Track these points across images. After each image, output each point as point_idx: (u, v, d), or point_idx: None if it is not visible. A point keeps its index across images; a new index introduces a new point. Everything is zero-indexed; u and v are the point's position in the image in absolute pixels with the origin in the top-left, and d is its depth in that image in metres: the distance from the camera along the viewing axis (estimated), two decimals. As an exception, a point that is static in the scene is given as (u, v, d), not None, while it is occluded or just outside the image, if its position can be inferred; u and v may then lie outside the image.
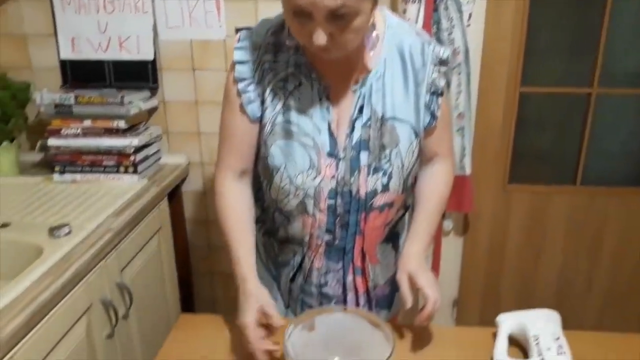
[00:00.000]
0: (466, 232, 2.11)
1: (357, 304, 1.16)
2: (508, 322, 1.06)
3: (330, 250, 1.10)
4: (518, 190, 2.05)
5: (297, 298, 1.17)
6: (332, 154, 1.01)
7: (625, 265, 2.12)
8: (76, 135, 1.67)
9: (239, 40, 1.04)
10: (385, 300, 1.23)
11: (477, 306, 2.22)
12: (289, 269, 1.16)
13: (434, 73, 1.03)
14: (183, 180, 2.00)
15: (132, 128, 1.73)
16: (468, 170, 1.87)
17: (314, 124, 1.01)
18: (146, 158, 1.77)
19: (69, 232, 1.31)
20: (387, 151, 1.02)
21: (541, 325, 1.02)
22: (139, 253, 1.56)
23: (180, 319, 1.17)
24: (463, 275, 2.17)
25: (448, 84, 1.73)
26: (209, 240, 2.11)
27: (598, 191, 2.04)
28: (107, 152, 1.68)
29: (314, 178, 1.02)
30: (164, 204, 1.77)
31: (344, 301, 1.16)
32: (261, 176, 1.11)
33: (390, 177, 1.04)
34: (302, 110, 1.01)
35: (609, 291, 2.16)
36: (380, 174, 1.03)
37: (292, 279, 1.16)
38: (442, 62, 1.04)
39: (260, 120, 1.05)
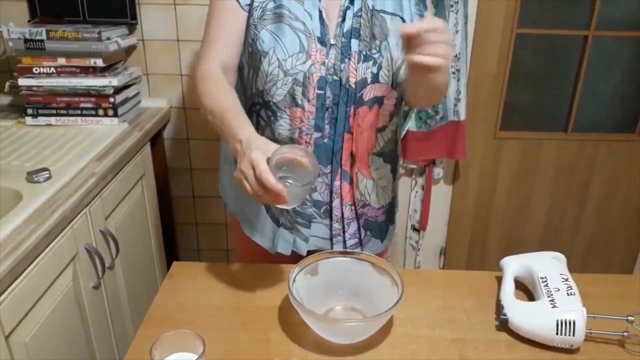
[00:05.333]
0: (456, 180, 2.09)
1: (342, 215, 1.13)
2: (513, 264, 1.04)
3: (319, 151, 1.06)
4: (509, 137, 2.03)
5: (290, 209, 1.12)
6: (323, 40, 1.01)
7: (611, 212, 2.15)
8: (49, 75, 1.55)
9: None
10: (378, 230, 1.20)
11: (464, 254, 2.23)
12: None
13: None
14: (164, 126, 1.91)
15: (109, 67, 1.61)
16: (462, 116, 1.83)
17: (304, 10, 1.00)
18: (126, 100, 1.67)
19: (49, 177, 1.23)
20: (377, 42, 1.02)
21: (548, 266, 1.00)
22: (123, 200, 1.49)
23: (173, 267, 1.12)
24: (451, 223, 2.17)
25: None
26: (192, 189, 2.04)
27: (587, 138, 2.04)
28: (85, 93, 1.57)
29: (304, 62, 1.00)
30: (147, 150, 1.69)
31: (330, 208, 1.12)
32: (245, 69, 1.07)
33: (380, 67, 1.02)
34: None
35: (594, 238, 2.20)
36: (371, 62, 1.02)
37: None
38: None
39: (249, 6, 1.02)
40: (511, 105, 2.01)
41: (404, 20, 1.04)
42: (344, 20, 1.01)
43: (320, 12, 1.01)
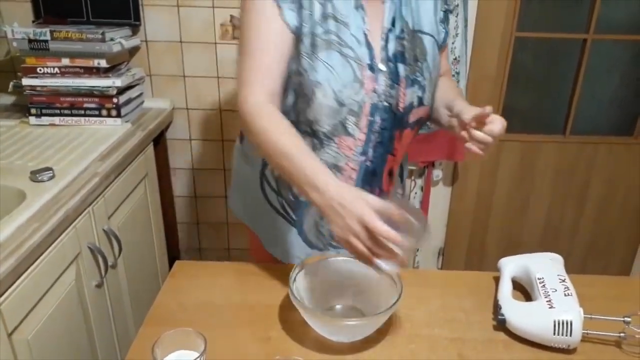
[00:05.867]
0: (455, 182, 2.10)
1: None
2: (511, 265, 1.05)
3: (361, 175, 1.05)
4: (508, 139, 2.04)
5: (327, 234, 1.12)
6: (372, 66, 0.97)
7: (610, 213, 2.16)
8: (53, 75, 1.57)
9: None
10: None
11: (463, 255, 2.24)
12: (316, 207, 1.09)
13: None
14: (167, 127, 1.92)
15: (113, 68, 1.62)
16: (462, 118, 1.84)
17: (351, 34, 0.95)
18: (129, 101, 1.68)
19: (53, 176, 1.24)
20: (420, 64, 1.01)
21: (546, 267, 1.01)
22: (125, 200, 1.50)
23: (175, 266, 1.13)
24: (450, 224, 2.18)
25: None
26: (194, 190, 2.05)
27: (586, 140, 2.05)
28: (88, 93, 1.58)
29: (358, 92, 0.96)
30: (150, 150, 1.70)
31: None
32: (291, 96, 1.00)
33: (424, 90, 1.02)
34: (340, 20, 0.95)
35: (592, 239, 2.21)
36: (416, 86, 1.01)
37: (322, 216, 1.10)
38: None
39: (298, 29, 0.94)
40: (510, 108, 2.02)
41: (436, 40, 1.04)
42: (387, 42, 0.98)
43: (365, 35, 0.96)
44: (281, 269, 1.09)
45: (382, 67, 0.98)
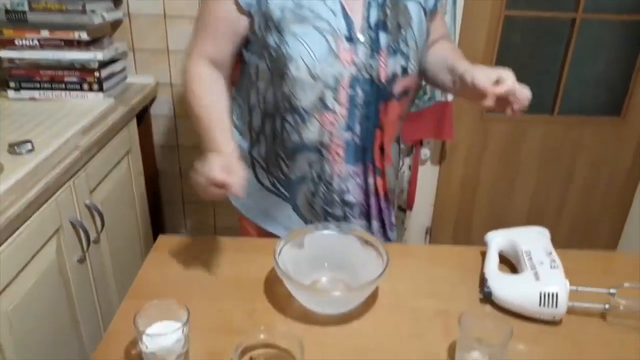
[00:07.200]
0: (442, 161, 2.09)
1: (380, 209, 1.13)
2: (498, 239, 1.05)
3: (349, 151, 1.04)
4: (495, 119, 2.03)
5: (320, 212, 1.12)
6: (350, 38, 0.95)
7: (595, 193, 2.18)
8: (32, 47, 1.52)
9: None
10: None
11: (449, 234, 2.25)
12: (306, 184, 1.09)
13: None
14: (151, 103, 1.89)
15: (94, 42, 1.58)
16: (450, 96, 1.83)
17: (326, 6, 0.94)
18: (112, 75, 1.64)
19: (32, 149, 1.21)
20: (403, 32, 0.98)
21: (532, 240, 1.01)
22: (108, 175, 1.47)
23: (159, 240, 1.11)
24: (437, 203, 2.18)
25: None
26: (179, 167, 2.02)
27: (574, 120, 2.05)
28: (69, 66, 1.54)
29: (333, 65, 0.95)
30: (133, 126, 1.66)
31: (367, 206, 1.12)
32: (268, 73, 1.02)
33: (408, 59, 1.00)
34: None
35: (578, 220, 2.22)
36: (399, 55, 0.98)
37: (314, 194, 1.10)
38: None
39: (252, 8, 0.96)
40: (499, 87, 2.00)
41: (422, 6, 1.01)
42: (369, 11, 0.96)
43: (342, 6, 0.95)
44: (266, 243, 1.07)
45: (360, 37, 0.96)
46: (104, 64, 1.58)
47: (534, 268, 0.93)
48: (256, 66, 1.03)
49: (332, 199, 1.10)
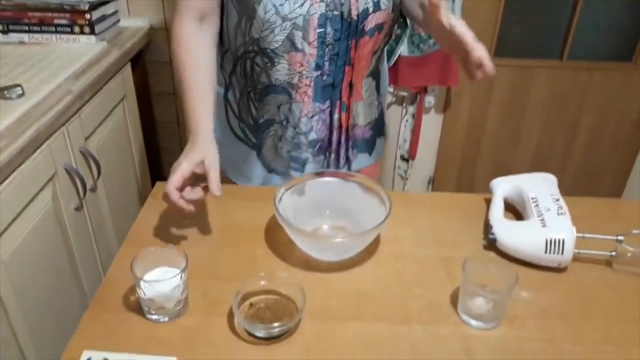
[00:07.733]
0: (447, 109, 2.04)
1: (339, 143, 1.11)
2: (503, 185, 1.02)
3: (316, 90, 1.02)
4: (503, 64, 1.97)
5: (286, 156, 1.11)
6: None
7: (602, 141, 2.14)
8: (18, -13, 1.45)
9: None
10: (366, 144, 1.18)
11: (453, 184, 2.23)
12: (274, 128, 1.08)
13: None
14: (146, 48, 1.82)
15: (84, -19, 1.50)
16: (456, 40, 1.75)
17: None
18: (103, 18, 1.57)
19: (22, 94, 1.17)
20: None
21: (539, 187, 0.99)
22: (103, 122, 1.44)
23: (156, 186, 1.09)
24: (440, 152, 2.15)
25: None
26: (176, 114, 1.98)
27: (582, 65, 1.99)
28: (58, 8, 1.47)
29: (302, 4, 0.92)
30: (127, 71, 1.61)
31: (329, 142, 1.10)
32: (236, 16, 0.99)
33: None
34: None
35: (584, 167, 2.19)
36: None
37: (280, 137, 1.08)
38: None
39: None
40: (506, 33, 1.93)
41: None
42: None
43: None
44: (266, 190, 1.05)
45: None
46: (94, 6, 1.51)
47: (540, 214, 0.91)
48: (227, 10, 1.00)
49: (299, 141, 1.09)
